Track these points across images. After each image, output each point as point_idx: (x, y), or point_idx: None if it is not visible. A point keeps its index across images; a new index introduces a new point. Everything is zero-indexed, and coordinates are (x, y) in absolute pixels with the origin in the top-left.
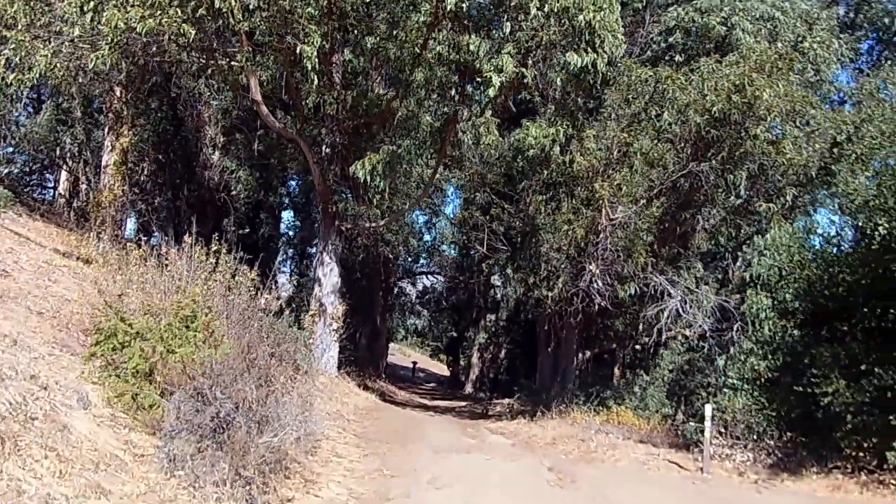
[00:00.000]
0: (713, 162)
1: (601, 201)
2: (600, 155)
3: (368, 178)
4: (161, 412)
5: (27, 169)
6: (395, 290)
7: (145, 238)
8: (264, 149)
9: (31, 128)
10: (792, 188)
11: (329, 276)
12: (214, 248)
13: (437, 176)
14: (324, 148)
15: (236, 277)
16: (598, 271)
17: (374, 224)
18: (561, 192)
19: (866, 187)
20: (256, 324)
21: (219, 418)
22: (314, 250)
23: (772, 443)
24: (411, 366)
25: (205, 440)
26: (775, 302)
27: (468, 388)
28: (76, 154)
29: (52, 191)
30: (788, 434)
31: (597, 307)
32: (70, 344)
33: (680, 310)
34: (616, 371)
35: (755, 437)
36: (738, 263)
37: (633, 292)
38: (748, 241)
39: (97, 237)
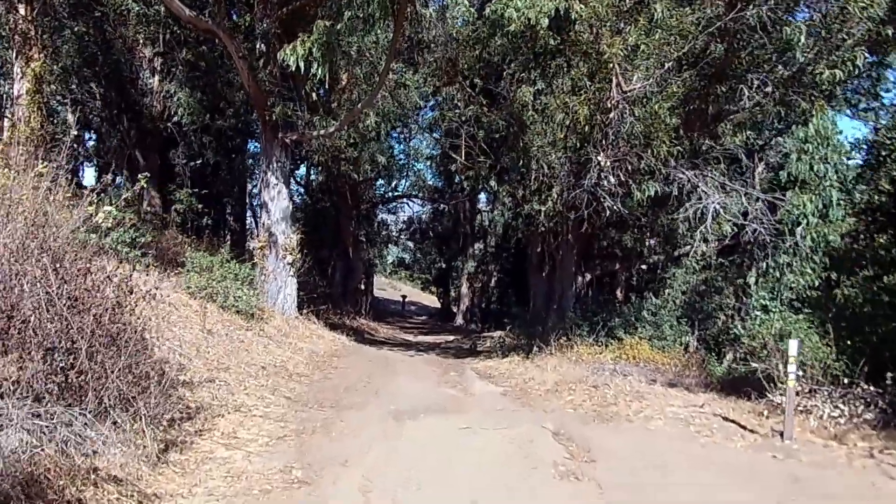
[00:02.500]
0: (762, 8)
1: (611, 66)
2: (608, 1)
3: (303, 65)
4: None
5: None
6: (376, 221)
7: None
8: (195, 58)
9: None
10: (862, 50)
11: (277, 199)
12: None
13: (404, 77)
14: (258, 44)
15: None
16: (608, 164)
17: (322, 132)
18: (554, 66)
19: None
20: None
21: None
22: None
23: (871, 388)
24: (401, 300)
25: None
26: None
27: (459, 320)
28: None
29: None
30: (891, 376)
31: (602, 219)
32: None
33: (720, 210)
34: (618, 295)
35: (842, 380)
36: (760, 167)
37: (651, 193)
38: (773, 142)
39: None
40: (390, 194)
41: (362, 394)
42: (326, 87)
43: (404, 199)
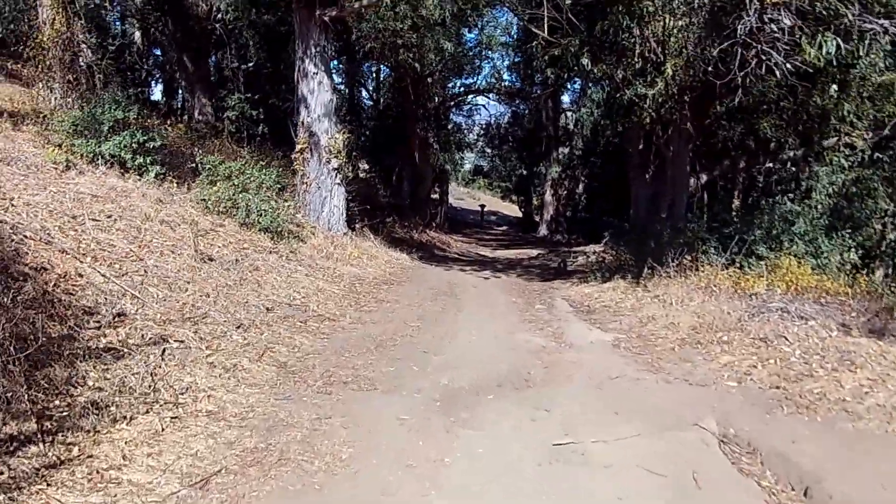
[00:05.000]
0: None
1: None
2: None
3: None
4: None
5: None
6: (449, 123)
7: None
8: None
9: None
10: None
11: (318, 91)
12: None
13: None
14: None
15: None
16: None
17: (365, 2)
18: None
19: None
20: None
21: None
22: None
23: None
24: (479, 210)
25: None
26: None
27: (542, 230)
28: None
29: None
30: None
31: (751, 91)
32: None
33: None
34: (735, 201)
35: None
36: None
37: (832, 49)
38: None
39: (48, 88)
40: (460, 90)
41: (402, 352)
42: None
43: (478, 98)
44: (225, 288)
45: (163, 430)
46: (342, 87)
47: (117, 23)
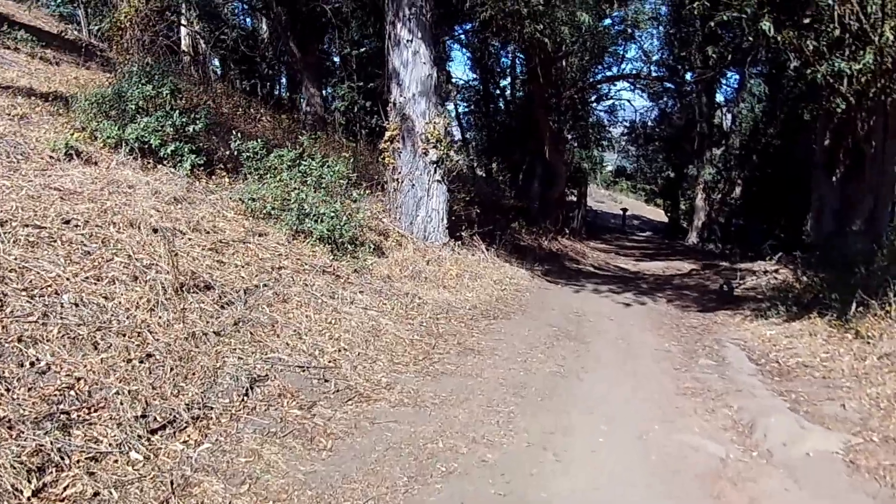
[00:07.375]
0: None
1: None
2: None
3: None
4: None
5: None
6: (589, 117)
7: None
8: None
9: None
10: None
11: (413, 64)
12: None
13: None
14: None
15: None
16: None
17: None
18: None
19: None
20: None
21: None
22: None
23: None
24: (621, 214)
25: None
26: None
27: (692, 238)
28: None
29: None
30: None
31: None
32: None
33: None
34: None
35: None
36: None
37: None
38: None
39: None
40: (602, 75)
41: (458, 493)
42: None
43: (621, 91)
44: (194, 340)
45: None
46: (476, 83)
47: (248, 21)
